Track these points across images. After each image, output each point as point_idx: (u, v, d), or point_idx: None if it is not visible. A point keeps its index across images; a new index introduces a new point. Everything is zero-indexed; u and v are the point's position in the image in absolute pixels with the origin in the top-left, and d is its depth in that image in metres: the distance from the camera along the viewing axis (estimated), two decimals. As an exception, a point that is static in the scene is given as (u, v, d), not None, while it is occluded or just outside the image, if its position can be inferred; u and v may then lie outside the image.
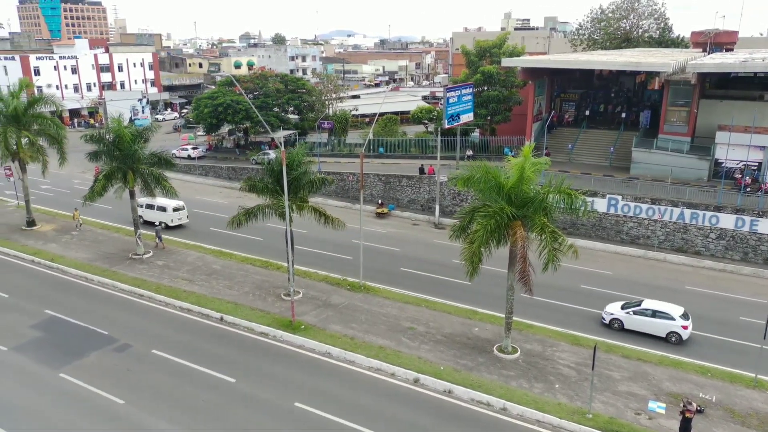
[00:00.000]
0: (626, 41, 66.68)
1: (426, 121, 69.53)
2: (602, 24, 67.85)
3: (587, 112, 58.54)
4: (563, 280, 32.55)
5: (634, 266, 36.99)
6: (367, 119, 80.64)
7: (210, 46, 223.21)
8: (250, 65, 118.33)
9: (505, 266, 24.29)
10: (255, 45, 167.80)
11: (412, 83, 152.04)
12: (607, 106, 60.35)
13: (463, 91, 47.33)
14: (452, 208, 46.14)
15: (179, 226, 42.07)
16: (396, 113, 74.76)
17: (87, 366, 23.95)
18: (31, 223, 41.15)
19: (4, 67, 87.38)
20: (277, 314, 28.17)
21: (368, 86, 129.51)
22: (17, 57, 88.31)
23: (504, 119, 56.60)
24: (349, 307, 29.21)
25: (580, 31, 70.15)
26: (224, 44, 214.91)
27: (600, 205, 40.60)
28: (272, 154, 52.97)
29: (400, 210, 48.14)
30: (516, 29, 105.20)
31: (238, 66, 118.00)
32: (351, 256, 35.86)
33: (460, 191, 43.35)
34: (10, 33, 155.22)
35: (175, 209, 42.00)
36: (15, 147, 38.58)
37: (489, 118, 56.58)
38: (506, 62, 50.02)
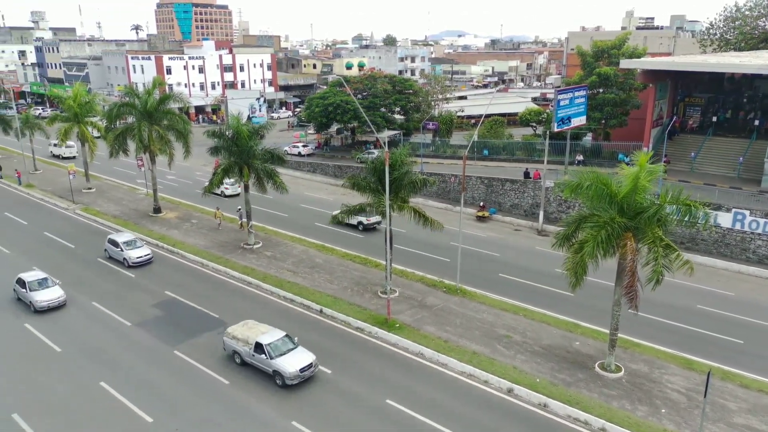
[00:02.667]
0: (765, 41, 60.59)
1: (534, 124, 67.51)
2: (737, 23, 62.11)
3: (714, 118, 53.93)
4: (678, 299, 30.48)
5: (761, 289, 33.60)
6: (472, 120, 79.70)
7: (324, 47, 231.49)
8: (360, 66, 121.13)
9: (611, 278, 23.10)
10: (366, 46, 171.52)
11: (522, 84, 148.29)
12: (738, 112, 55.22)
13: (576, 94, 45.41)
14: (557, 215, 44.49)
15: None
16: (503, 115, 73.30)
17: (198, 346, 25.82)
18: (157, 210, 44.99)
19: (141, 66, 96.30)
20: (374, 311, 28.70)
21: (476, 87, 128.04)
22: (152, 57, 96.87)
23: (620, 123, 53.63)
24: (444, 309, 29.13)
25: (711, 31, 64.66)
26: (338, 45, 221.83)
27: (724, 219, 37.31)
28: (376, 153, 54.01)
29: (502, 214, 47.16)
30: (638, 28, 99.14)
31: (349, 67, 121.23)
32: (449, 258, 35.69)
33: (567, 199, 41.65)
34: (147, 35, 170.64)
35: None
36: (147, 140, 42.28)
37: (603, 121, 53.87)
38: (625, 63, 47.34)
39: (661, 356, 24.93)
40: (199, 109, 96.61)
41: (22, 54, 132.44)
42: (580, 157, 51.72)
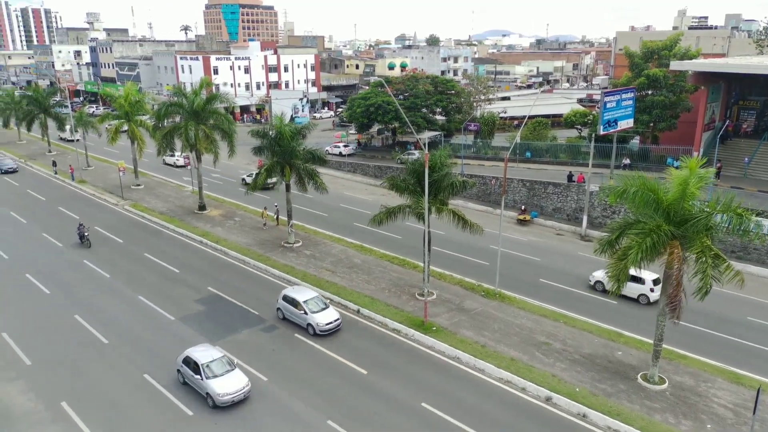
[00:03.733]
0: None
1: (579, 126, 66.13)
2: (798, 22, 59.36)
3: (771, 122, 51.73)
4: (727, 310, 29.40)
5: (819, 302, 31.99)
6: (515, 122, 78.71)
7: (367, 47, 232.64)
8: (403, 66, 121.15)
9: (657, 288, 22.37)
10: (409, 46, 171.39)
11: (567, 85, 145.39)
12: (797, 116, 52.80)
13: (623, 96, 44.22)
14: (602, 220, 43.46)
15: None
16: (547, 116, 72.09)
17: (239, 342, 26.34)
18: (202, 207, 46.11)
19: (190, 66, 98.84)
20: (410, 313, 28.66)
21: (520, 87, 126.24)
22: (200, 58, 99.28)
23: (669, 127, 51.96)
24: (482, 313, 28.84)
25: (769, 30, 62.02)
26: (380, 46, 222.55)
27: (779, 228, 35.68)
28: (417, 154, 53.91)
29: (544, 218, 46.37)
30: (690, 28, 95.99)
31: (391, 67, 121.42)
32: (488, 261, 35.33)
33: (612, 204, 40.60)
34: (196, 35, 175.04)
35: None
36: (193, 139, 43.35)
37: (651, 125, 52.35)
38: (675, 65, 45.89)
39: (707, 369, 24.05)
40: (244, 109, 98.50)
41: (78, 54, 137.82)
42: (627, 161, 50.41)
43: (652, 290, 30.36)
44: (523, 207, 46.94)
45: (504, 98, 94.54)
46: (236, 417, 21.06)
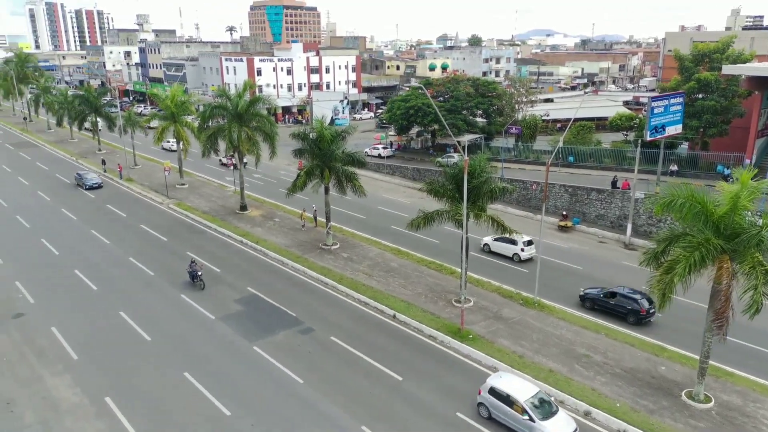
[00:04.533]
0: None
1: (626, 132, 64.44)
2: None
3: (831, 128, 49.22)
4: (779, 327, 28.07)
5: None
6: (558, 125, 77.29)
7: (409, 47, 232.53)
8: (444, 67, 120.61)
9: (703, 299, 21.59)
10: (450, 47, 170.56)
11: (613, 86, 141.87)
12: None
13: (672, 101, 42.81)
14: (647, 228, 42.22)
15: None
16: (591, 119, 70.47)
17: (276, 343, 26.67)
18: (243, 207, 46.92)
19: (234, 67, 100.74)
20: (447, 320, 28.46)
21: (563, 89, 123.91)
22: (244, 59, 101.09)
23: (720, 133, 50.07)
24: (520, 322, 28.40)
25: (831, 31, 59.04)
26: (422, 46, 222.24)
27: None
28: (456, 158, 53.55)
29: (586, 225, 45.34)
30: (744, 29, 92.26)
31: (432, 68, 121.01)
32: (527, 269, 34.80)
33: (658, 216, 39.41)
34: (241, 37, 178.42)
35: None
36: (236, 140, 44.15)
37: (701, 130, 50.53)
38: (728, 69, 44.20)
39: (757, 389, 23.07)
40: (286, 110, 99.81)
41: (128, 54, 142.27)
42: (675, 167, 48.83)
43: (522, 250, 36.75)
44: (564, 213, 46.00)
45: (547, 100, 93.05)
46: (277, 416, 21.32)
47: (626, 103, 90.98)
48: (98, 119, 68.64)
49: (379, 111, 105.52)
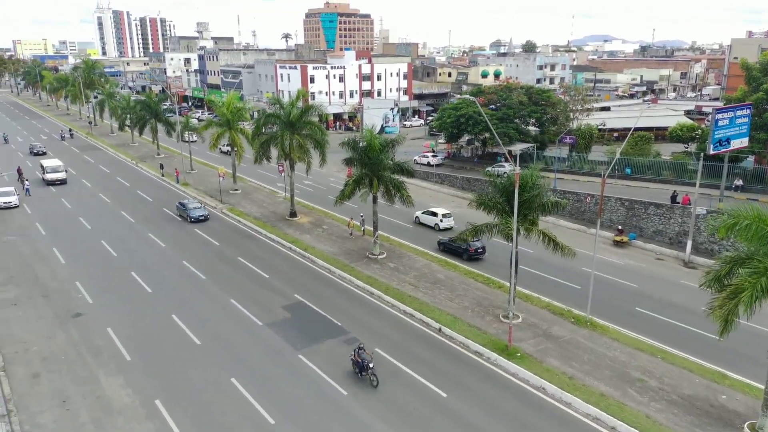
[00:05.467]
0: None
1: (687, 143, 61.79)
2: None
3: None
4: None
5: None
6: (615, 134, 74.97)
7: (461, 53, 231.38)
8: (496, 75, 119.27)
9: (767, 323, 20.27)
10: (504, 54, 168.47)
11: (674, 95, 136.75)
12: None
13: (738, 113, 40.76)
14: (708, 246, 40.25)
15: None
16: (650, 129, 68.00)
17: (321, 352, 26.75)
18: (293, 214, 47.54)
19: (288, 75, 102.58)
20: (494, 335, 27.85)
21: (621, 97, 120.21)
22: (298, 66, 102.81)
23: (790, 146, 47.32)
24: (570, 342, 27.48)
25: None
26: (474, 52, 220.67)
27: None
28: (507, 167, 52.62)
29: (643, 241, 43.60)
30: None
31: (485, 75, 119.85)
32: (579, 285, 33.71)
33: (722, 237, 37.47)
34: (295, 44, 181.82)
35: None
36: (288, 148, 44.81)
37: (769, 143, 47.89)
38: (801, 79, 41.62)
39: (830, 425, 21.45)
40: (337, 117, 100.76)
41: (187, 61, 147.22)
42: (740, 182, 46.48)
43: (441, 221, 44.41)
44: (620, 227, 44.37)
45: (604, 108, 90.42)
46: (320, 428, 21.33)
47: (688, 113, 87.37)
48: (158, 124, 71.16)
49: (430, 118, 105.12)
